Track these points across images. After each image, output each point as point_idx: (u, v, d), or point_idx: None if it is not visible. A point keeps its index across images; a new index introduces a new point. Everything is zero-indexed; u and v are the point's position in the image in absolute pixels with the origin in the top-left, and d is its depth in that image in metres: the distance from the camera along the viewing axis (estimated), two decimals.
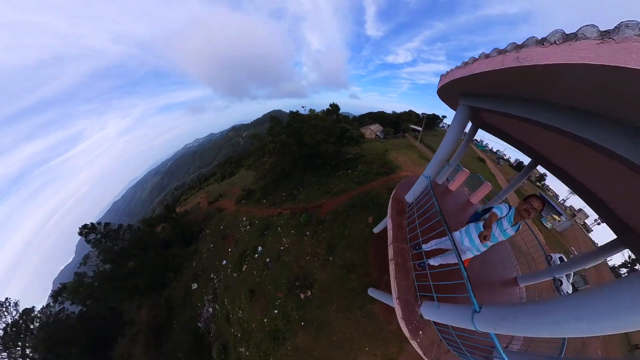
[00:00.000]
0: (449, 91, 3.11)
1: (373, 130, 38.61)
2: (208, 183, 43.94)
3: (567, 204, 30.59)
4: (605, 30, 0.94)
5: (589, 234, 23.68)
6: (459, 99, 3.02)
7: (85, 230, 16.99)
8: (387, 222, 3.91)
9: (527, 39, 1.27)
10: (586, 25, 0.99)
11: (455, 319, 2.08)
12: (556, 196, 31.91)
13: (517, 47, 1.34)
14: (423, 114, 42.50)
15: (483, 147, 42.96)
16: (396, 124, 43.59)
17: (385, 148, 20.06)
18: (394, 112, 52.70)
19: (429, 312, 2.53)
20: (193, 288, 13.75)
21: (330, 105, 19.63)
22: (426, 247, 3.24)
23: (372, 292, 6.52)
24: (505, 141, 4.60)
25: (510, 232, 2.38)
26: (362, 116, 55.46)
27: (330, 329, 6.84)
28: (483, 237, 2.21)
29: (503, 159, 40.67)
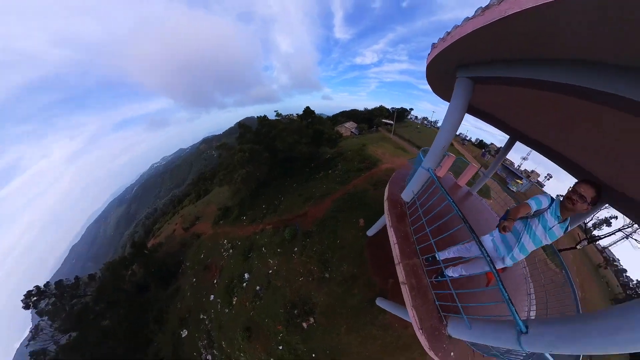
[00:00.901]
0: (441, 65, 2.63)
1: (348, 127, 39.05)
2: (182, 205, 39.88)
3: (522, 168, 34.94)
4: None
5: (543, 189, 30.01)
6: (457, 71, 2.55)
7: (32, 299, 13.18)
8: (390, 233, 3.28)
9: None
10: None
11: (494, 340, 1.77)
12: (512, 164, 35.55)
13: None
14: (392, 108, 44.47)
15: None
16: (369, 119, 45.03)
17: (362, 143, 19.75)
18: (366, 109, 54.60)
19: (459, 333, 2.17)
20: (183, 336, 11.71)
21: (305, 110, 19.09)
22: (441, 255, 2.65)
23: (380, 303, 5.89)
24: (489, 123, 4.82)
25: (558, 231, 1.80)
26: (336, 115, 56.65)
27: (345, 353, 6.07)
28: (502, 228, 1.72)
29: (466, 139, 44.88)
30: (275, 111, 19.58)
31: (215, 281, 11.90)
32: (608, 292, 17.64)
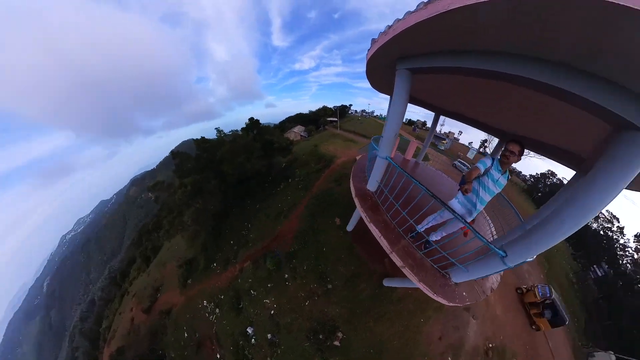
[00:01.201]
0: (382, 58, 2.77)
1: (297, 132, 39.29)
2: (130, 280, 29.60)
3: (442, 132, 44.11)
4: None
5: (459, 141, 43.43)
6: (397, 64, 2.71)
7: None
8: (371, 228, 3.33)
9: None
10: None
11: (486, 271, 2.28)
12: (447, 134, 44.75)
13: None
14: (335, 106, 47.42)
15: (383, 117, 53.76)
16: (315, 120, 46.61)
17: (313, 144, 19.97)
18: (311, 111, 56.34)
19: (461, 278, 2.66)
20: None
21: (248, 121, 17.49)
22: (421, 227, 3.02)
23: (388, 283, 6.38)
24: (417, 105, 5.81)
25: (503, 181, 2.34)
26: (283, 122, 56.76)
27: (387, 340, 6.06)
28: (464, 190, 2.21)
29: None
30: (216, 129, 16.99)
31: (218, 355, 9.28)
32: (518, 189, 26.33)
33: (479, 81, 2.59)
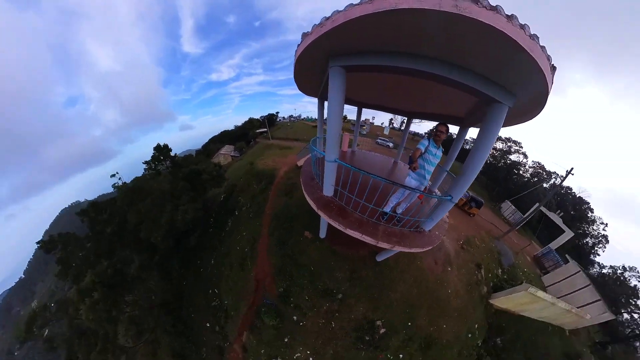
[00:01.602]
0: (314, 53, 2.66)
1: (226, 153, 34.45)
2: None
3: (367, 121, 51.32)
4: None
5: (374, 122, 50.18)
6: (330, 61, 2.66)
7: None
8: (350, 233, 3.36)
9: None
10: None
11: (444, 211, 3.41)
12: (365, 120, 50.25)
13: None
14: (262, 116, 45.06)
15: (310, 119, 56.29)
16: (244, 135, 42.69)
17: (249, 162, 17.83)
18: (237, 126, 50.99)
19: (430, 225, 3.60)
20: None
21: (155, 151, 12.71)
22: (388, 208, 3.48)
23: (380, 258, 6.94)
24: (346, 104, 6.24)
25: (439, 153, 3.12)
26: (206, 145, 48.08)
27: (410, 297, 6.99)
28: (412, 168, 3.00)
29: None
30: (113, 175, 11.51)
31: None
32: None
33: (393, 76, 2.97)
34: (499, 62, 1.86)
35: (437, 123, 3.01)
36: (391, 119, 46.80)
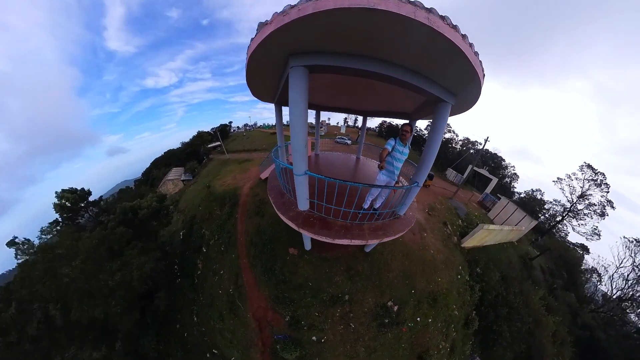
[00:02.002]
0: (273, 49, 2.26)
1: (175, 178, 29.19)
2: None
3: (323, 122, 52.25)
4: None
5: (330, 123, 51.65)
6: (291, 60, 2.35)
7: None
8: (335, 242, 3.28)
9: None
10: None
11: (413, 195, 3.82)
12: (322, 122, 52.43)
13: None
14: (213, 128, 39.65)
15: (268, 126, 52.39)
16: (194, 153, 36.93)
17: (205, 184, 15.30)
18: (184, 143, 43.20)
19: (404, 210, 4.00)
20: None
21: (64, 197, 8.89)
22: (366, 204, 3.73)
23: (369, 248, 7.19)
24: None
25: (407, 151, 3.21)
26: (148, 171, 38.60)
27: (404, 269, 7.62)
28: (380, 167, 3.22)
29: (284, 123, 55.31)
30: (12, 243, 7.99)
31: None
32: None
33: (351, 77, 2.84)
34: (438, 61, 2.05)
35: (403, 123, 3.18)
36: (345, 118, 49.45)
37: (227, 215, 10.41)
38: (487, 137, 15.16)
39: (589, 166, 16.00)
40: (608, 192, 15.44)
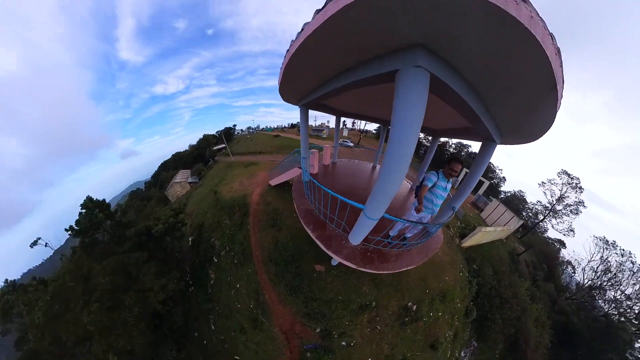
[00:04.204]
0: (392, 24, 1.56)
1: (182, 180, 28.29)
2: None
3: (317, 123, 50.30)
4: None
5: (329, 125, 47.42)
6: (416, 55, 1.68)
7: None
8: (390, 271, 3.12)
9: None
10: None
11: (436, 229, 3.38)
12: (321, 125, 48.82)
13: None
14: (218, 131, 38.38)
15: (270, 129, 50.61)
16: (200, 156, 36.01)
17: (211, 189, 14.07)
18: (191, 145, 41.78)
19: (437, 230, 3.69)
20: None
21: (85, 207, 8.09)
22: (394, 231, 3.39)
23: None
24: (322, 111, 6.03)
25: (449, 186, 2.88)
26: (157, 174, 38.30)
27: (420, 273, 7.60)
28: (417, 210, 2.73)
29: (286, 126, 52.38)
30: (34, 243, 7.72)
31: None
32: None
33: (363, 88, 2.47)
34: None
35: (453, 160, 2.66)
36: (344, 121, 49.13)
37: (237, 226, 9.49)
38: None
39: (565, 172, 16.81)
40: (582, 192, 16.26)
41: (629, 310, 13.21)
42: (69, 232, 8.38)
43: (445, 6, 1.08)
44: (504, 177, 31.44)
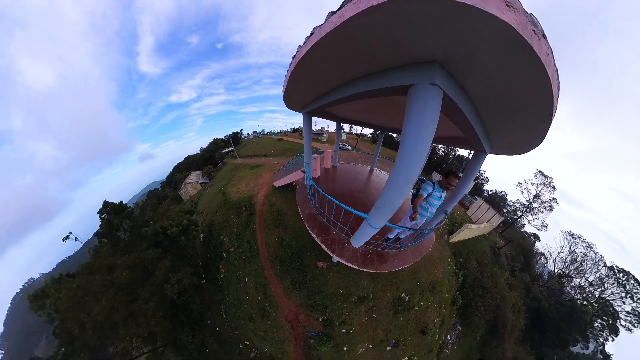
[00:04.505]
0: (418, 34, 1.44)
1: (194, 181, 27.97)
2: None
3: (317, 128, 49.90)
4: None
5: (328, 129, 45.75)
6: (435, 74, 1.57)
7: None
8: (389, 270, 3.03)
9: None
10: None
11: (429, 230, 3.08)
12: (321, 129, 48.04)
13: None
14: (226, 136, 38.08)
15: (274, 133, 49.13)
16: (210, 158, 35.71)
17: (220, 190, 13.92)
18: (202, 149, 41.57)
19: (431, 232, 3.30)
20: None
21: (105, 211, 8.06)
22: (392, 234, 3.36)
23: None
24: (324, 118, 5.72)
25: (443, 195, 2.81)
26: (171, 175, 38.10)
27: (414, 267, 7.44)
28: (412, 219, 2.51)
29: (288, 131, 51.45)
30: (67, 237, 7.59)
31: None
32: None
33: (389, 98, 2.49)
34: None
35: (451, 174, 2.54)
36: (342, 126, 47.65)
37: (244, 224, 9.47)
38: None
39: (541, 172, 16.89)
40: (555, 190, 16.39)
41: (590, 295, 13.92)
42: (96, 236, 8.41)
43: (479, 27, 0.94)
44: (487, 177, 31.60)
